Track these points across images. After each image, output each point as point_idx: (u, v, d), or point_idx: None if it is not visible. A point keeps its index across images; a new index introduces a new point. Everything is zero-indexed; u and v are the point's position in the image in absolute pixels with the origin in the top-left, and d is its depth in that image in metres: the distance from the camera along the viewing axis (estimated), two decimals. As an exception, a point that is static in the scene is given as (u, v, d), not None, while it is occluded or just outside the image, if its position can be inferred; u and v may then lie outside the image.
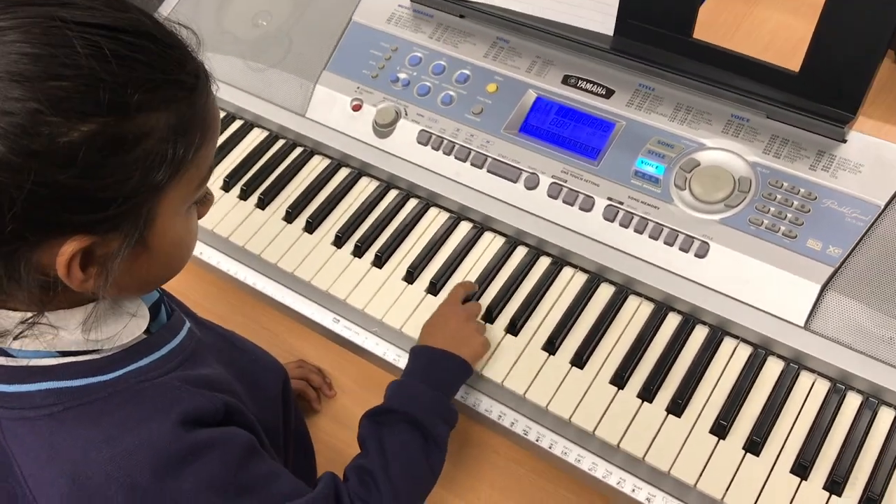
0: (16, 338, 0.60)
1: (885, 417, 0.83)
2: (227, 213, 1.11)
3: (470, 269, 1.00)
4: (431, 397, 0.83)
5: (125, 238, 0.57)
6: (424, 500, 0.82)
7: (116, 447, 0.60)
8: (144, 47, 0.55)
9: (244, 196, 1.13)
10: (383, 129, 1.10)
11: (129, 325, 0.66)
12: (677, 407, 0.85)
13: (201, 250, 1.10)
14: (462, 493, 0.93)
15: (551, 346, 0.92)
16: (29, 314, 0.60)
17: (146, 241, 0.60)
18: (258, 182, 1.13)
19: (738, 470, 0.81)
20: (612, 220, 0.96)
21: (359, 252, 1.04)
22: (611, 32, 1.02)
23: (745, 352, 0.89)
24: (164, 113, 0.56)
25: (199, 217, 0.68)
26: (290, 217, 1.09)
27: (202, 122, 0.60)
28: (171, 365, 0.68)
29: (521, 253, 1.01)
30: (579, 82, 1.05)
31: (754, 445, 0.82)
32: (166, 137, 0.56)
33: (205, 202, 0.68)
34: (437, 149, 1.07)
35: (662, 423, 0.85)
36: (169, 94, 0.57)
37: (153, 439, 0.61)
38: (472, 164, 1.04)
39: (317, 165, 1.14)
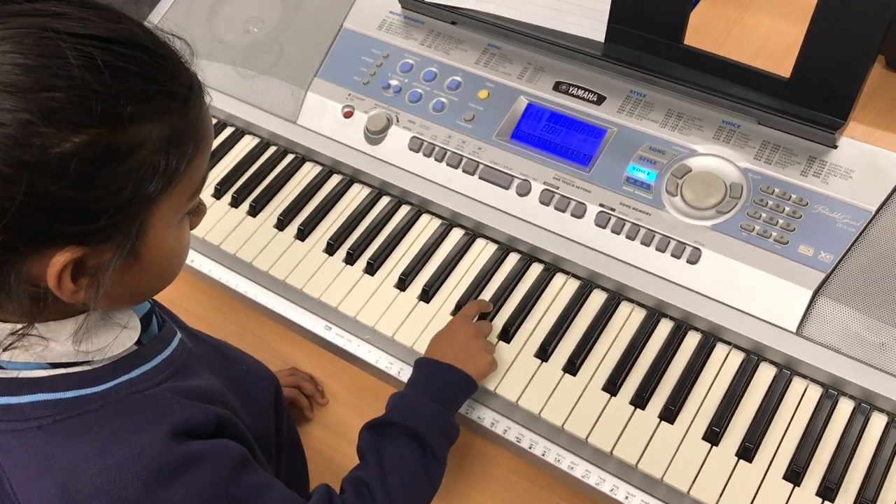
0: (5, 349, 0.59)
1: (877, 423, 0.83)
2: (218, 220, 1.10)
3: (462, 276, 1.00)
4: (433, 410, 0.82)
5: (117, 249, 0.57)
6: None
7: (107, 459, 0.59)
8: (137, 58, 0.55)
9: (235, 203, 1.12)
10: (375, 135, 1.10)
11: (120, 337, 0.65)
12: (670, 413, 0.85)
13: (192, 258, 1.09)
14: (453, 499, 0.92)
15: (544, 353, 0.92)
16: (19, 325, 0.59)
17: (138, 252, 0.59)
18: (249, 189, 1.13)
19: (731, 476, 0.81)
20: (604, 227, 0.96)
21: (351, 259, 1.04)
22: (602, 39, 1.03)
23: (737, 358, 0.89)
24: (157, 124, 0.56)
25: (192, 228, 0.68)
26: (281, 224, 1.08)
27: (195, 133, 0.60)
28: (162, 376, 0.67)
29: (513, 259, 1.01)
30: (571, 89, 1.05)
31: (747, 452, 0.82)
32: (159, 149, 0.56)
33: (197, 213, 0.68)
34: (428, 155, 1.07)
35: (655, 430, 0.85)
36: (162, 106, 0.56)
37: (144, 451, 0.60)
38: (464, 171, 1.04)
39: (308, 172, 1.14)
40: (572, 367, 0.90)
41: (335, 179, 1.12)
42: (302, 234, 1.07)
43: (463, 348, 0.89)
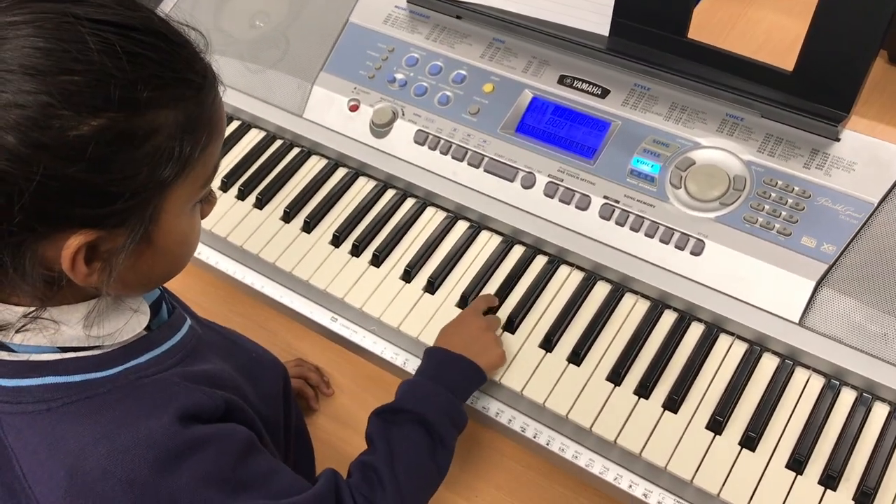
0: (18, 331, 0.60)
1: (879, 412, 0.83)
2: (225, 212, 1.11)
3: (467, 268, 1.01)
4: (443, 398, 0.83)
5: (130, 234, 0.58)
6: (429, 499, 0.82)
7: (115, 442, 0.60)
8: (154, 45, 0.56)
9: (242, 196, 1.13)
10: (380, 129, 1.11)
11: (131, 322, 0.66)
12: (673, 403, 0.86)
13: (200, 250, 1.10)
14: (458, 489, 0.93)
15: (548, 344, 0.93)
16: (31, 308, 0.60)
17: (151, 237, 0.60)
18: (256, 182, 1.14)
19: (734, 465, 0.82)
20: (609, 219, 0.97)
21: (356, 251, 1.04)
22: (606, 33, 1.03)
23: (740, 348, 0.89)
24: (173, 110, 0.57)
25: (203, 216, 0.69)
26: (287, 217, 1.09)
27: (209, 121, 0.61)
28: (171, 361, 0.68)
29: (517, 252, 1.01)
30: (575, 82, 1.05)
31: (750, 441, 0.82)
32: (174, 135, 0.57)
33: (209, 201, 0.69)
34: (433, 148, 1.08)
35: (659, 420, 0.86)
36: (177, 93, 0.57)
37: (151, 435, 0.61)
38: (469, 164, 1.05)
39: (314, 165, 1.15)
40: (576, 357, 0.91)
41: (341, 172, 1.13)
42: (308, 227, 1.08)
43: (474, 340, 0.89)
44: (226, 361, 0.76)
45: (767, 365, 0.88)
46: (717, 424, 0.84)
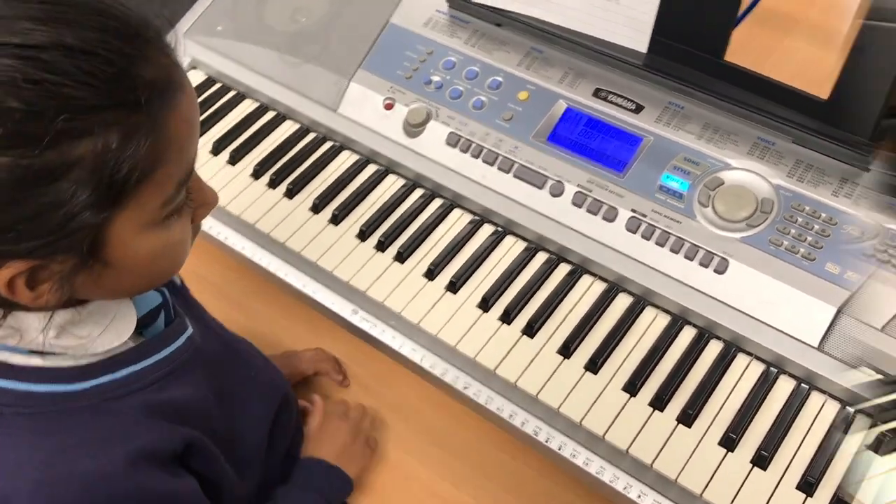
0: None
1: (892, 442, 0.84)
2: (255, 200, 1.12)
3: (490, 271, 1.02)
4: None
5: (76, 259, 0.54)
6: None
7: (51, 470, 0.57)
8: (68, 66, 0.49)
9: (273, 185, 1.14)
10: (414, 128, 1.12)
11: (106, 334, 0.62)
12: (688, 418, 0.87)
13: (226, 235, 1.11)
14: (466, 487, 0.94)
15: (566, 350, 0.93)
16: None
17: (105, 259, 0.56)
18: (287, 172, 1.15)
19: (744, 482, 0.82)
20: (635, 232, 0.98)
21: (382, 247, 1.05)
22: (644, 49, 1.04)
23: (757, 368, 0.90)
24: (101, 136, 0.50)
25: (196, 221, 0.65)
26: (316, 208, 1.11)
27: (158, 138, 0.54)
28: (148, 380, 0.65)
29: (541, 258, 1.02)
30: (610, 96, 1.07)
31: (762, 459, 0.83)
32: (102, 163, 0.51)
33: (203, 205, 0.64)
34: (465, 151, 1.09)
35: (672, 433, 0.86)
36: (104, 117, 0.51)
37: (93, 473, 0.58)
38: (499, 169, 1.06)
39: (345, 160, 1.16)
40: (594, 365, 0.92)
41: (371, 169, 1.15)
42: (336, 219, 1.09)
43: (343, 450, 0.92)
44: (213, 379, 0.73)
45: (783, 387, 0.88)
46: (730, 441, 0.84)
